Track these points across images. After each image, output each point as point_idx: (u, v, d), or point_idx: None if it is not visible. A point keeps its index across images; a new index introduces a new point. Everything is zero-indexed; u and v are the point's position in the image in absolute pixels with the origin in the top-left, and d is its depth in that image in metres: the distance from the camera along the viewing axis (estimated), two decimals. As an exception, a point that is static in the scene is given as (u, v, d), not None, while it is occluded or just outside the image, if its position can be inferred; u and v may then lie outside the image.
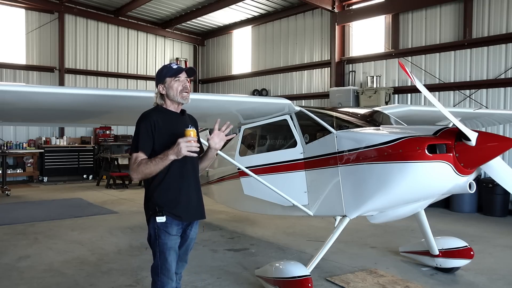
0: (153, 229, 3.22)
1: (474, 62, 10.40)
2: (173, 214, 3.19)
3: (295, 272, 4.56)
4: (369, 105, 10.64)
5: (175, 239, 3.24)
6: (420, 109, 7.48)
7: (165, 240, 3.19)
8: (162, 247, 3.20)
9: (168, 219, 3.18)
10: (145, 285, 5.10)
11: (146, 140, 3.14)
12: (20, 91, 3.94)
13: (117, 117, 5.89)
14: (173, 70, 3.27)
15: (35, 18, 15.05)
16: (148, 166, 3.06)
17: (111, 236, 7.49)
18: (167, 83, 3.26)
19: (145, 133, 3.15)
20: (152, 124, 3.15)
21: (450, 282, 5.30)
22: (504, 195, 9.17)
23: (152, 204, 3.22)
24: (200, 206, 3.40)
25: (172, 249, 3.23)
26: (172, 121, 3.25)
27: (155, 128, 3.15)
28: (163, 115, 3.25)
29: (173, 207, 3.20)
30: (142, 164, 3.08)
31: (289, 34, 14.82)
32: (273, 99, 5.96)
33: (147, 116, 3.23)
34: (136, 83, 17.25)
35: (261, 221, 8.61)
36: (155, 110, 3.30)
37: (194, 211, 3.33)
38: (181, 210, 3.23)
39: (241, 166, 5.28)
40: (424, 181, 4.24)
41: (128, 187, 13.68)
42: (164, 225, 3.18)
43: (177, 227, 3.24)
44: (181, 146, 2.94)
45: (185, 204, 3.25)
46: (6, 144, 14.08)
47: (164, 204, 3.18)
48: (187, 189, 3.25)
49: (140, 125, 3.20)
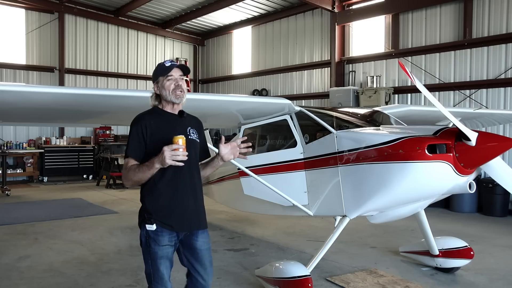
0: (143, 236, 3.05)
1: (474, 62, 10.40)
2: (162, 222, 3.00)
3: (295, 272, 4.56)
4: (369, 105, 10.64)
5: (166, 248, 3.04)
6: (420, 109, 7.48)
7: (156, 249, 3.01)
8: (153, 255, 3.03)
9: (158, 227, 2.99)
10: (145, 285, 5.06)
11: (136, 145, 3.00)
12: (20, 91, 3.94)
13: (117, 117, 5.88)
14: (164, 68, 3.09)
15: (35, 18, 15.05)
16: (136, 173, 2.92)
17: (111, 236, 7.49)
18: (160, 83, 3.09)
19: (136, 137, 3.00)
20: (143, 127, 3.00)
21: (450, 282, 5.30)
22: (504, 195, 9.17)
23: (143, 210, 3.08)
24: (199, 215, 3.17)
25: (164, 257, 3.04)
26: (169, 123, 3.06)
27: (146, 132, 2.99)
28: (159, 117, 3.08)
29: (163, 216, 3.01)
30: (131, 170, 2.95)
31: (289, 34, 14.82)
32: (273, 99, 5.96)
33: (139, 119, 3.07)
34: (136, 83, 17.26)
35: (261, 221, 8.61)
36: (150, 112, 3.13)
37: (190, 220, 3.09)
38: (174, 219, 3.02)
39: (241, 166, 5.28)
40: (424, 181, 4.24)
41: (128, 187, 13.67)
42: (155, 233, 3.00)
43: (169, 236, 3.03)
44: (165, 155, 2.74)
45: (178, 213, 3.04)
46: (6, 144, 14.08)
47: (154, 212, 3.01)
48: (182, 197, 3.04)
49: (132, 129, 3.05)
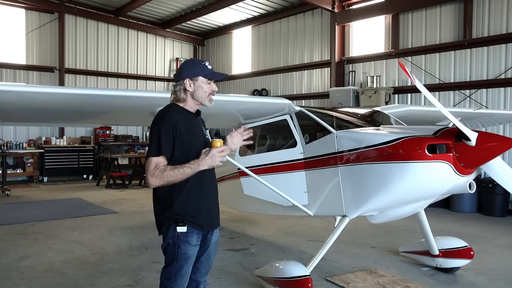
0: (171, 238, 3.00)
1: (474, 62, 10.39)
2: (194, 223, 3.01)
3: (295, 272, 4.56)
4: (369, 105, 10.64)
5: (194, 248, 3.07)
6: (420, 109, 7.47)
7: (185, 250, 3.01)
8: (180, 256, 3.01)
9: (189, 228, 2.99)
10: (145, 285, 5.11)
11: (169, 143, 2.91)
12: (20, 91, 3.94)
13: (117, 117, 5.89)
14: (208, 71, 3.05)
15: (35, 18, 15.05)
16: (175, 174, 2.85)
17: (111, 236, 7.49)
18: (198, 82, 3.02)
19: (166, 135, 2.90)
20: (174, 125, 2.92)
21: (450, 282, 5.30)
22: (504, 195, 9.17)
23: (171, 213, 2.99)
24: (219, 213, 3.27)
25: (191, 258, 3.07)
26: (190, 123, 3.05)
27: (176, 131, 2.92)
28: (182, 115, 3.02)
29: (194, 216, 3.01)
30: (167, 171, 2.85)
31: (289, 34, 14.82)
32: (273, 99, 5.96)
33: (167, 115, 2.98)
34: (136, 83, 17.25)
35: (261, 221, 8.61)
36: (174, 110, 3.05)
37: (215, 218, 3.20)
38: (203, 219, 3.06)
39: (241, 166, 5.28)
40: (424, 181, 4.24)
41: (128, 187, 13.68)
42: (185, 234, 2.99)
43: (197, 236, 3.06)
44: (216, 158, 2.86)
45: (206, 213, 3.09)
46: (6, 144, 14.08)
47: (185, 214, 2.99)
48: (208, 197, 3.10)
49: (161, 126, 2.93)
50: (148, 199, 11.25)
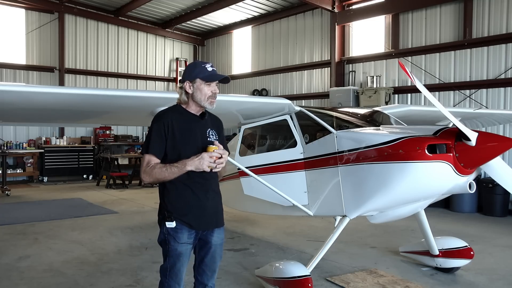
0: (163, 233, 3.10)
1: (474, 62, 10.39)
2: (182, 221, 3.06)
3: (295, 272, 4.56)
4: (369, 105, 10.64)
5: (185, 246, 3.09)
6: (420, 109, 7.47)
7: (175, 246, 3.06)
8: (171, 252, 3.08)
9: (178, 225, 3.05)
10: (145, 285, 5.11)
11: (158, 142, 3.01)
12: (20, 91, 3.94)
13: (117, 117, 5.89)
14: (207, 73, 3.06)
15: (35, 18, 15.04)
16: (162, 172, 2.95)
17: (111, 236, 7.49)
18: (197, 84, 3.06)
19: (157, 135, 3.01)
20: (165, 125, 3.01)
21: (450, 282, 5.30)
22: (504, 195, 9.17)
23: (162, 208, 3.13)
24: (217, 214, 3.23)
25: (182, 255, 3.09)
26: (190, 125, 3.08)
27: (168, 130, 3.01)
28: (181, 116, 3.09)
29: (183, 214, 3.06)
30: (156, 168, 2.97)
31: (289, 34, 14.82)
32: (273, 99, 5.96)
33: (161, 116, 3.08)
34: (136, 83, 17.25)
35: (261, 221, 8.61)
36: (172, 110, 3.13)
37: (209, 219, 3.15)
38: (192, 217, 3.07)
39: (241, 166, 5.28)
40: (424, 181, 4.24)
41: (128, 187, 13.68)
42: (174, 230, 3.05)
43: (188, 233, 3.08)
44: (204, 161, 2.87)
45: (197, 212, 3.09)
46: (6, 144, 14.08)
47: (174, 210, 3.06)
48: (201, 196, 3.09)
49: (153, 126, 3.05)
50: (148, 199, 11.28)
